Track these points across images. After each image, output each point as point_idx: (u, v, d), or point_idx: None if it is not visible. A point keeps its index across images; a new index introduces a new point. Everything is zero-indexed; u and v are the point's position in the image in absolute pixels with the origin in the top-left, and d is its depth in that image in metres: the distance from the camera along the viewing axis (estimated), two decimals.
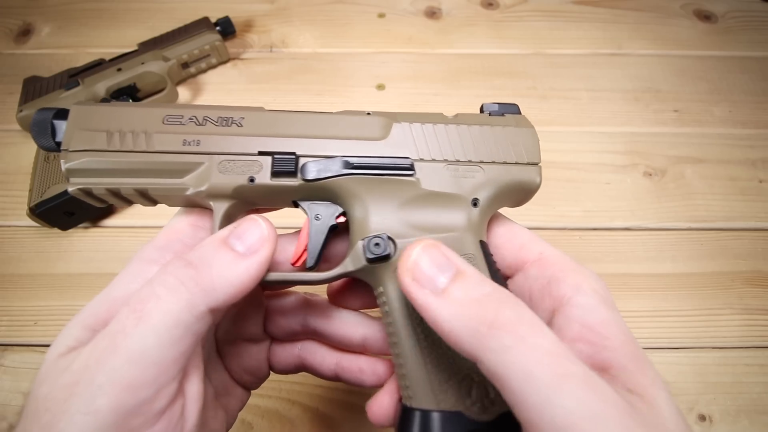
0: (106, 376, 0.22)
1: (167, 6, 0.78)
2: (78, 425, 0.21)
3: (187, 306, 0.24)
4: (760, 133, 0.65)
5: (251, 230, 0.27)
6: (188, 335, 0.24)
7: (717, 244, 0.56)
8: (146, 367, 0.22)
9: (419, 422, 0.28)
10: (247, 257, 0.26)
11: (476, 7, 0.78)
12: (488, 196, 0.32)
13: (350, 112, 0.33)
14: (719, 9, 0.78)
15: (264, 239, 0.27)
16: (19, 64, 0.71)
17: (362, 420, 0.47)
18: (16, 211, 0.57)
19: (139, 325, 0.23)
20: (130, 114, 0.31)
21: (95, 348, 0.23)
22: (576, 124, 0.65)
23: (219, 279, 0.25)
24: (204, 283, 0.24)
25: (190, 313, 0.24)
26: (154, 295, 0.24)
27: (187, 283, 0.24)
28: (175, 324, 0.23)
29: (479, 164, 0.32)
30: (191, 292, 0.24)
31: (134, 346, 0.22)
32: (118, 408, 0.22)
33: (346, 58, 0.72)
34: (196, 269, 0.25)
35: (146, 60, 0.65)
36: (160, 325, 0.23)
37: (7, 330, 0.51)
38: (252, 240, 0.27)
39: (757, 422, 0.46)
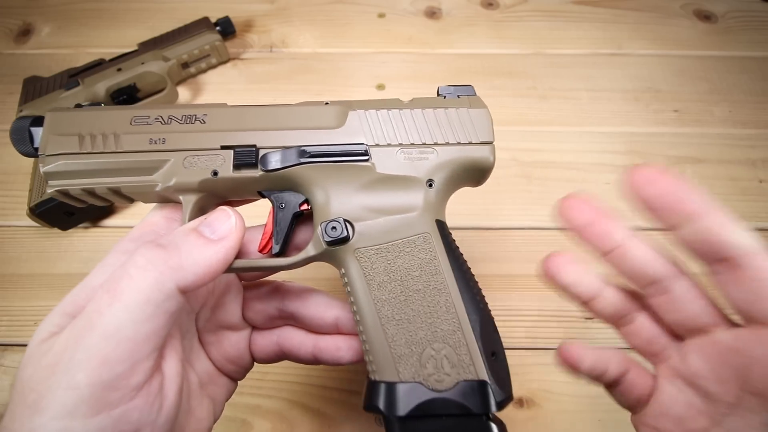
0: (84, 353, 0.24)
1: (167, 6, 0.78)
2: (60, 400, 0.23)
3: (156, 284, 0.25)
4: (760, 133, 0.65)
5: (220, 219, 0.29)
6: (159, 313, 0.25)
7: None
8: (120, 342, 0.24)
9: (384, 394, 0.31)
10: (216, 243, 0.28)
11: (476, 7, 0.78)
12: (443, 177, 0.34)
13: (309, 103, 0.35)
14: (719, 9, 0.78)
15: (232, 228, 0.29)
16: (19, 64, 0.71)
17: (362, 420, 0.47)
18: (16, 211, 0.57)
19: (113, 304, 0.24)
20: (100, 117, 0.32)
21: (74, 329, 0.25)
22: (576, 124, 0.65)
23: (187, 259, 0.27)
24: (172, 262, 0.26)
25: (160, 291, 0.25)
26: (126, 274, 0.25)
27: (155, 261, 0.26)
28: (146, 301, 0.25)
29: (432, 146, 0.34)
30: (159, 270, 0.26)
31: (108, 323, 0.24)
32: (96, 382, 0.23)
33: (346, 58, 0.72)
34: (165, 250, 0.26)
35: (146, 60, 0.65)
36: (131, 302, 0.24)
37: (7, 330, 0.51)
38: (221, 228, 0.29)
39: None
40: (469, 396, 0.30)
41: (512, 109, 0.66)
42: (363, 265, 0.32)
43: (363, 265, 0.32)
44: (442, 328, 0.31)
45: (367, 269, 0.32)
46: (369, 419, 0.47)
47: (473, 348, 0.31)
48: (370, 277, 0.32)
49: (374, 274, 0.32)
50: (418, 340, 0.31)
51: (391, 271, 0.32)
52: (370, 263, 0.32)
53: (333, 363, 0.36)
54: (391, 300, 0.31)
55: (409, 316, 0.31)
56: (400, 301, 0.31)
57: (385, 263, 0.32)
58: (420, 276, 0.32)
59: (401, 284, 0.32)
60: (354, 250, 0.32)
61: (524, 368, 0.49)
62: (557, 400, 0.48)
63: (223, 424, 0.46)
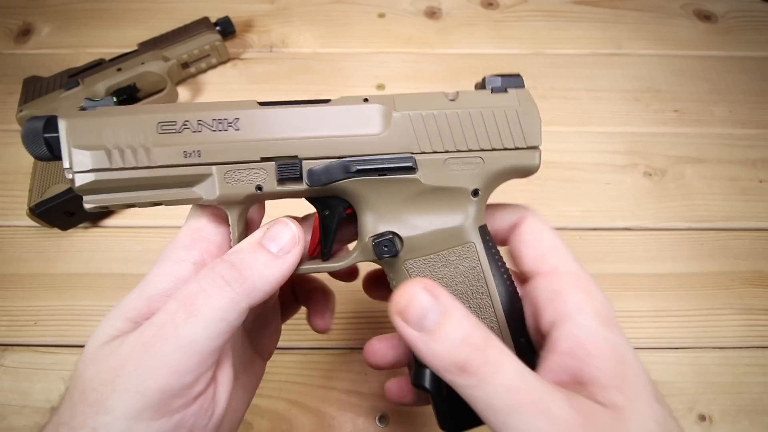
0: (156, 360, 0.25)
1: (167, 6, 0.78)
2: (126, 402, 0.24)
3: (232, 303, 0.27)
4: (760, 133, 0.65)
5: (283, 233, 0.30)
6: (229, 329, 0.27)
7: (717, 244, 0.56)
8: (192, 355, 0.25)
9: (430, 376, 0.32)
10: (280, 258, 0.29)
11: (476, 7, 0.78)
12: (487, 184, 0.33)
13: (348, 100, 0.33)
14: (719, 9, 0.78)
15: (294, 241, 0.30)
16: (19, 64, 0.71)
17: (362, 420, 0.47)
18: (16, 211, 0.57)
19: (190, 318, 0.26)
20: (123, 125, 0.30)
21: (142, 335, 0.26)
22: (576, 124, 0.65)
23: (259, 279, 0.28)
24: (247, 284, 0.27)
25: (234, 310, 0.27)
26: (204, 292, 0.27)
27: (232, 283, 0.27)
28: (221, 318, 0.26)
29: (479, 153, 0.32)
30: (236, 291, 0.27)
31: (184, 336, 0.25)
32: (164, 389, 0.25)
33: (346, 58, 0.72)
34: (239, 271, 0.28)
35: (146, 60, 0.65)
36: (208, 319, 0.26)
37: (7, 330, 0.51)
38: (284, 241, 0.30)
39: (757, 422, 0.46)
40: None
41: None
42: (411, 274, 0.33)
43: (411, 274, 0.33)
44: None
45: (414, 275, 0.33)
46: (369, 419, 0.47)
47: (507, 339, 0.32)
48: None
49: None
50: None
51: (437, 278, 0.32)
52: (418, 272, 0.33)
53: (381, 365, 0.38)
54: None
55: None
56: None
57: (431, 272, 0.33)
58: (463, 282, 0.33)
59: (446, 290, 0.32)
60: (403, 262, 0.32)
61: None
62: None
63: None
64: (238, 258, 0.29)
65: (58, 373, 0.48)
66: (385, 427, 0.46)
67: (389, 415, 0.46)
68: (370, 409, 0.47)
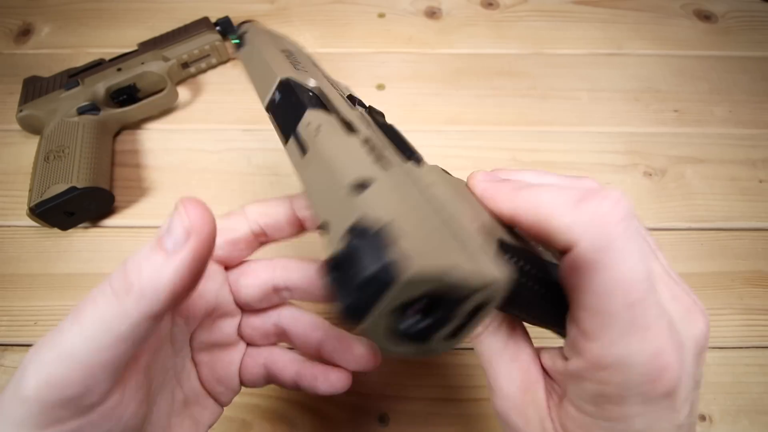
0: (35, 368, 0.22)
1: (167, 6, 0.78)
2: (10, 409, 0.22)
3: (119, 315, 0.23)
4: (760, 133, 0.65)
5: (176, 222, 0.24)
6: (122, 341, 0.23)
7: (717, 244, 0.56)
8: (72, 367, 0.22)
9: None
10: (174, 255, 0.24)
11: (476, 7, 0.78)
12: None
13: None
14: (719, 9, 0.78)
15: (186, 233, 0.24)
16: (19, 64, 0.71)
17: (362, 420, 0.47)
18: (15, 211, 0.57)
19: (74, 326, 0.23)
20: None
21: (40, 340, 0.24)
22: (576, 124, 0.65)
23: (148, 284, 0.23)
24: (134, 292, 0.23)
25: (123, 322, 0.23)
26: (92, 300, 0.23)
27: (118, 292, 0.23)
28: (106, 330, 0.23)
29: None
30: (122, 301, 0.23)
31: (64, 346, 0.23)
32: (43, 400, 0.22)
33: (346, 58, 0.72)
34: (125, 276, 0.23)
35: (146, 60, 0.65)
36: (90, 331, 0.23)
37: (7, 330, 0.51)
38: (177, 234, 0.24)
39: (757, 422, 0.46)
40: None
41: (512, 109, 0.66)
42: None
43: None
44: None
45: None
46: (369, 419, 0.47)
47: None
48: None
49: None
50: None
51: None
52: None
53: (310, 391, 0.34)
54: None
55: None
56: None
57: None
58: None
59: None
60: None
61: None
62: None
63: (223, 424, 0.46)
64: (132, 261, 0.24)
65: None
66: (385, 427, 0.46)
67: (389, 415, 0.46)
68: (370, 409, 0.47)
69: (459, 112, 0.66)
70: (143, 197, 0.59)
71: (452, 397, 0.47)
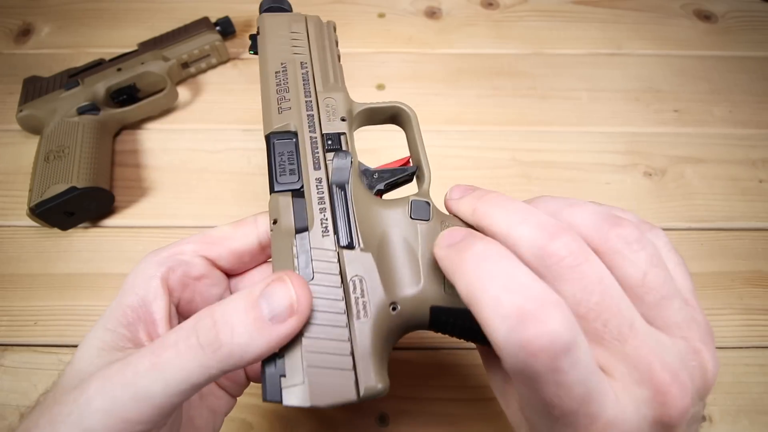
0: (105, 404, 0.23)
1: (167, 6, 0.78)
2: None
3: (200, 368, 0.23)
4: (760, 133, 0.65)
5: (280, 294, 0.24)
6: (192, 390, 0.24)
7: (717, 244, 0.56)
8: (146, 409, 0.23)
9: None
10: (271, 327, 0.24)
11: (476, 7, 0.78)
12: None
13: None
14: (719, 9, 0.78)
15: (292, 309, 0.24)
16: (19, 64, 0.71)
17: (362, 420, 0.47)
18: (15, 211, 0.57)
19: (153, 371, 0.23)
20: None
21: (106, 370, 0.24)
22: (576, 124, 0.65)
23: (238, 348, 0.23)
24: (222, 350, 0.23)
25: (202, 375, 0.24)
26: (175, 347, 0.24)
27: (206, 347, 0.23)
28: (185, 380, 0.23)
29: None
30: (207, 356, 0.23)
31: (142, 387, 0.23)
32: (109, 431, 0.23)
33: (346, 58, 0.72)
34: (216, 334, 0.24)
35: (146, 60, 0.65)
36: (171, 379, 0.23)
37: (7, 330, 0.51)
38: (279, 307, 0.24)
39: (757, 422, 0.46)
40: None
41: (512, 109, 0.66)
42: None
43: None
44: None
45: None
46: (369, 419, 0.47)
47: None
48: None
49: None
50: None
51: None
52: None
53: None
54: None
55: None
56: None
57: None
58: None
59: None
60: None
61: None
62: None
63: (223, 424, 0.46)
64: (222, 316, 0.24)
65: (58, 373, 0.48)
66: (385, 427, 0.46)
67: (389, 415, 0.46)
68: (370, 409, 0.47)
69: (459, 112, 0.66)
70: (143, 197, 0.59)
71: (452, 397, 0.47)
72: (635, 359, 0.22)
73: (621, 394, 0.21)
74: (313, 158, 0.31)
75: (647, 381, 0.21)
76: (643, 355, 0.22)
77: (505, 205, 0.27)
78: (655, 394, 0.21)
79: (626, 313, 0.22)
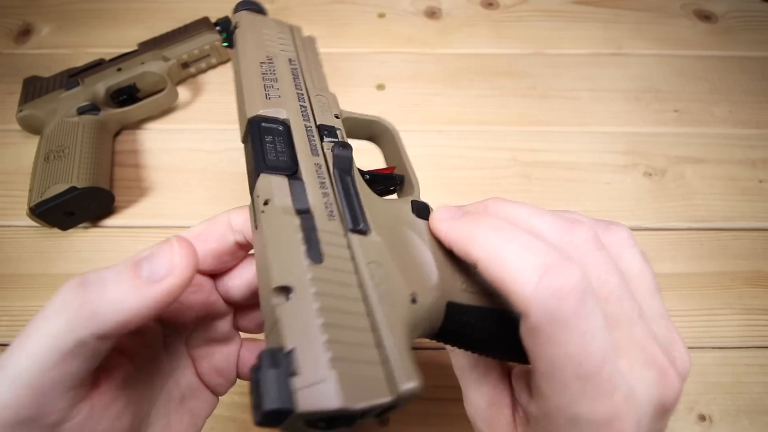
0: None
1: (167, 6, 0.78)
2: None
3: (66, 332, 0.22)
4: (760, 133, 0.65)
5: (162, 255, 0.24)
6: (70, 359, 0.22)
7: (717, 244, 0.56)
8: (20, 389, 0.22)
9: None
10: (146, 285, 0.23)
11: (476, 7, 0.78)
12: None
13: None
14: (719, 9, 0.78)
15: (170, 267, 0.23)
16: (19, 64, 0.71)
17: None
18: (15, 211, 0.57)
19: (18, 347, 0.22)
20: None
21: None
22: (576, 124, 0.65)
23: (107, 305, 0.22)
24: (88, 307, 0.22)
25: (69, 340, 0.22)
26: (42, 315, 0.23)
27: (70, 305, 0.22)
28: (50, 349, 0.22)
29: None
30: (72, 316, 0.22)
31: (11, 368, 0.22)
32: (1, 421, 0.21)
33: (346, 58, 0.72)
34: (85, 290, 0.23)
35: (146, 60, 0.65)
36: (35, 349, 0.22)
37: (7, 330, 0.51)
38: (159, 267, 0.23)
39: (757, 422, 0.46)
40: None
41: (512, 109, 0.66)
42: None
43: None
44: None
45: None
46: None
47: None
48: None
49: None
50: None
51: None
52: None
53: None
54: None
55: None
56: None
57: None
58: None
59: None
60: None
61: None
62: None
63: (222, 424, 0.46)
64: (96, 274, 0.24)
65: None
66: (385, 427, 0.46)
67: (389, 415, 0.46)
68: None
69: (459, 112, 0.66)
70: (143, 197, 0.59)
71: (452, 397, 0.47)
72: (642, 342, 0.22)
73: (632, 372, 0.22)
74: (310, 145, 0.28)
75: (652, 363, 0.22)
76: (647, 339, 0.23)
77: (512, 209, 0.27)
78: (660, 376, 0.22)
79: (634, 299, 0.23)
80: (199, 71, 0.70)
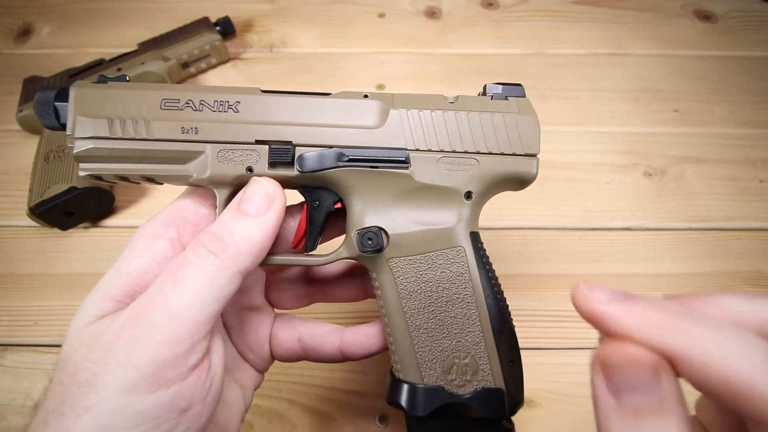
0: (147, 331, 0.25)
1: (167, 6, 0.78)
2: (118, 376, 0.24)
3: (219, 270, 0.27)
4: (760, 133, 0.65)
5: (257, 191, 0.30)
6: (220, 297, 0.27)
7: (717, 244, 0.56)
8: (183, 323, 0.25)
9: (407, 393, 0.32)
10: (260, 217, 0.29)
11: (476, 7, 0.78)
12: (482, 188, 0.32)
13: (348, 94, 0.33)
14: (719, 9, 0.78)
15: (270, 198, 0.30)
16: (19, 64, 0.71)
17: (362, 420, 0.47)
18: (16, 211, 0.57)
19: (177, 287, 0.26)
20: (129, 98, 0.31)
21: (134, 308, 0.26)
22: (576, 124, 0.65)
23: (242, 243, 0.28)
24: (230, 249, 0.28)
25: (222, 276, 0.27)
26: (189, 263, 0.27)
27: (216, 251, 0.27)
28: (209, 285, 0.26)
29: (475, 155, 0.32)
30: (220, 258, 0.27)
31: (174, 305, 0.25)
32: (156, 360, 0.24)
33: (346, 58, 0.72)
34: (220, 239, 0.28)
35: (146, 60, 0.65)
36: (195, 287, 0.26)
37: (7, 330, 0.51)
38: (260, 201, 0.30)
39: None
40: (486, 402, 0.32)
41: None
42: (395, 273, 0.32)
43: (395, 273, 0.32)
44: (467, 339, 0.32)
45: (399, 278, 0.32)
46: (369, 419, 0.47)
47: (494, 358, 0.32)
48: (401, 286, 0.32)
49: (405, 284, 0.32)
50: (443, 349, 0.32)
51: (422, 281, 0.32)
52: (402, 273, 0.32)
53: (361, 354, 0.35)
54: (420, 309, 0.32)
55: (436, 325, 0.32)
56: (429, 311, 0.32)
57: (416, 273, 0.32)
58: (450, 288, 0.32)
59: (431, 295, 0.32)
60: (387, 259, 0.32)
61: (525, 368, 0.49)
62: (558, 401, 0.48)
63: None
64: (218, 227, 0.29)
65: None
66: (385, 427, 0.46)
67: (389, 415, 0.46)
68: (370, 409, 0.47)
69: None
70: (143, 197, 0.59)
71: None
72: None
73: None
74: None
75: None
76: None
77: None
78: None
79: None
80: (199, 71, 0.70)
